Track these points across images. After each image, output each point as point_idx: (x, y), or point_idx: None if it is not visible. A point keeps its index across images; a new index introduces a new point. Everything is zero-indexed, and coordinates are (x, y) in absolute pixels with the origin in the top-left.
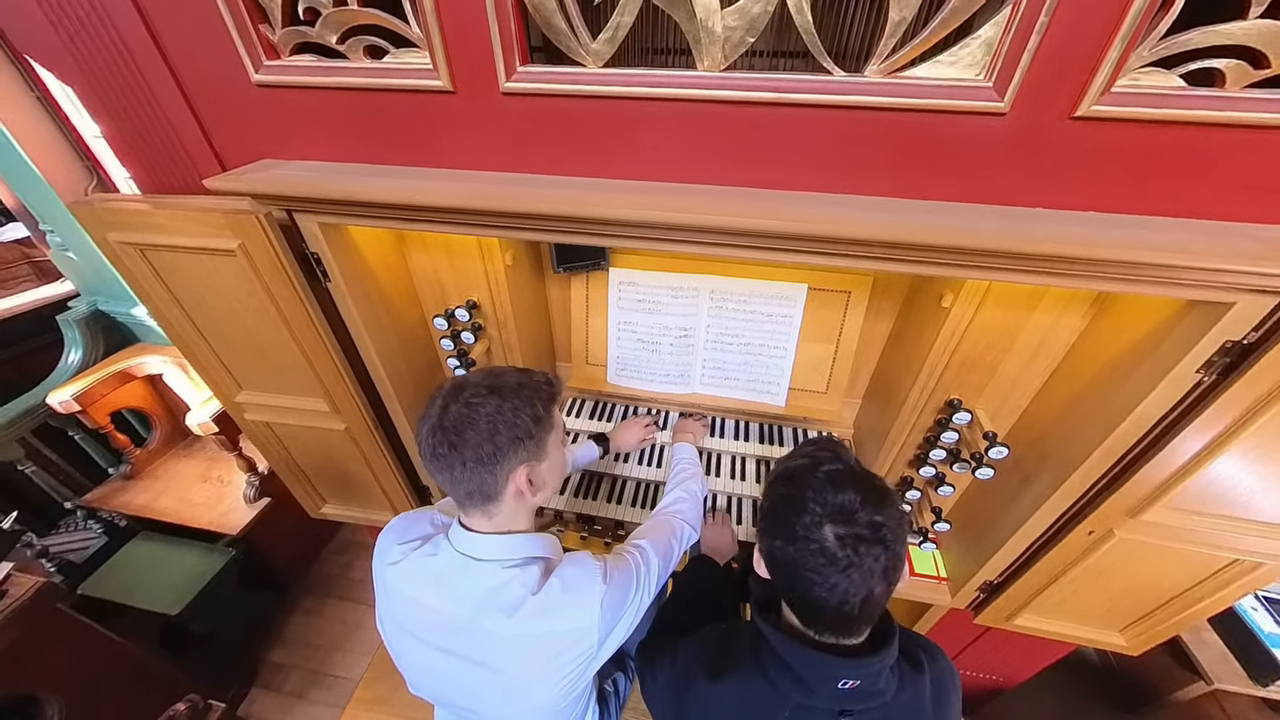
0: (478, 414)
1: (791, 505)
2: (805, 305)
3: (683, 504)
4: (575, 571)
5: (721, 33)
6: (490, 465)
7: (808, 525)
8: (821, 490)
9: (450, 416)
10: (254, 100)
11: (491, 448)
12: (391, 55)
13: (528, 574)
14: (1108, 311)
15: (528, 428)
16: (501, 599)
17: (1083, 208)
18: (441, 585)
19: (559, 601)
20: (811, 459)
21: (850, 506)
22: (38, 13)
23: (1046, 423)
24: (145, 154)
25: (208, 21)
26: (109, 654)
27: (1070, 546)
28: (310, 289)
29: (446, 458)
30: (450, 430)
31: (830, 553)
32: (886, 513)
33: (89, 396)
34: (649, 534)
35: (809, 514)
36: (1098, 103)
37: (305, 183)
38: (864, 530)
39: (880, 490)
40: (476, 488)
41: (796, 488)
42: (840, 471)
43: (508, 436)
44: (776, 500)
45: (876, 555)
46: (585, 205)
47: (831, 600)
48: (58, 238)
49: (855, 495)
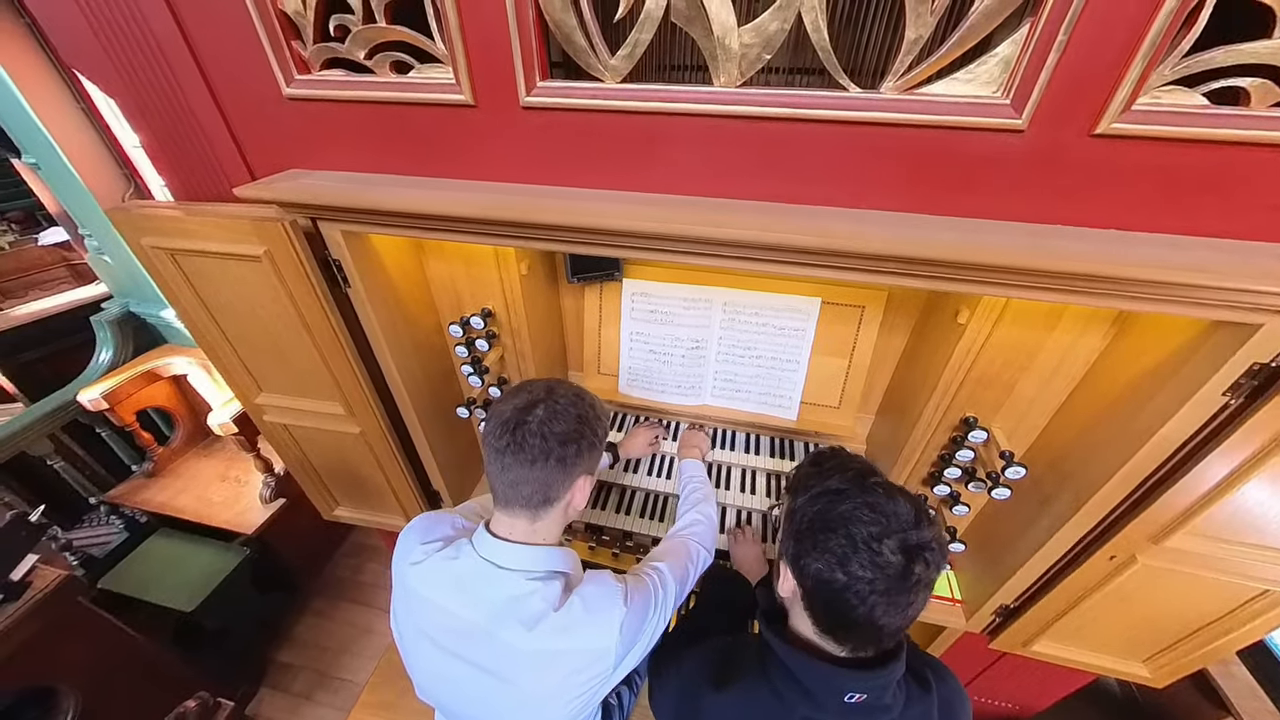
0: (569, 413)
1: (845, 520)
2: (818, 319)
3: (698, 527)
4: (597, 591)
5: (738, 50)
6: (569, 464)
7: (867, 539)
8: (876, 503)
9: (541, 411)
10: (284, 113)
11: (576, 447)
12: (416, 70)
13: (550, 588)
14: (1129, 331)
15: (599, 441)
16: (522, 611)
17: (1103, 225)
18: (462, 590)
19: (580, 620)
20: (856, 471)
21: (908, 519)
22: (86, 29)
23: (1066, 443)
24: (180, 163)
25: (244, 38)
26: (125, 648)
27: (1090, 571)
28: (331, 294)
29: (532, 449)
30: (544, 420)
31: (896, 569)
32: (935, 527)
33: (117, 395)
34: (666, 557)
35: (867, 525)
36: (1118, 120)
37: (330, 192)
38: (926, 542)
39: (922, 504)
40: (542, 488)
41: (846, 501)
42: (888, 484)
43: (589, 441)
44: (823, 515)
45: (938, 566)
46: (602, 217)
47: (892, 622)
48: (95, 242)
49: (910, 507)
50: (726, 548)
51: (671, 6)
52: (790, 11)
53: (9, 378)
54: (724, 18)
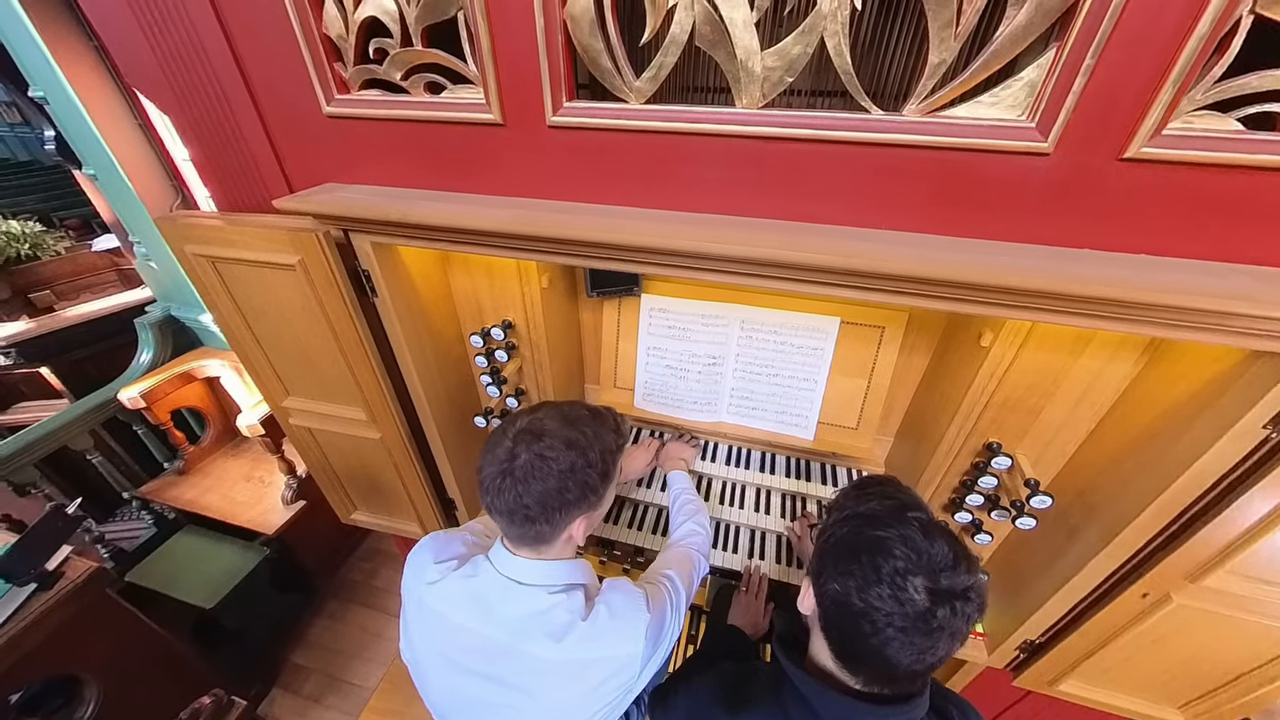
0: (550, 469)
1: (876, 547)
2: (837, 338)
3: (696, 538)
4: (621, 599)
5: (761, 73)
6: (553, 517)
7: (898, 572)
8: (912, 536)
9: (521, 465)
10: (324, 130)
11: (558, 503)
12: (448, 90)
13: (573, 600)
14: (1162, 358)
15: (595, 484)
16: (548, 624)
17: (1133, 250)
18: (481, 607)
19: (608, 628)
20: (897, 501)
21: (944, 561)
22: (148, 52)
23: (1095, 473)
24: (224, 176)
25: (290, 61)
26: (147, 642)
27: (1122, 609)
28: (359, 303)
29: (511, 504)
30: (520, 480)
31: (918, 609)
32: (977, 577)
33: (154, 394)
34: (674, 565)
35: (899, 559)
36: (1148, 145)
37: (364, 205)
38: (958, 588)
39: (967, 550)
40: (532, 534)
41: (882, 529)
42: (929, 520)
43: (576, 494)
44: (853, 539)
45: (968, 617)
46: (624, 233)
47: (904, 660)
48: (143, 249)
49: (949, 550)
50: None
51: (696, 31)
52: (813, 36)
53: (58, 375)
54: (747, 41)
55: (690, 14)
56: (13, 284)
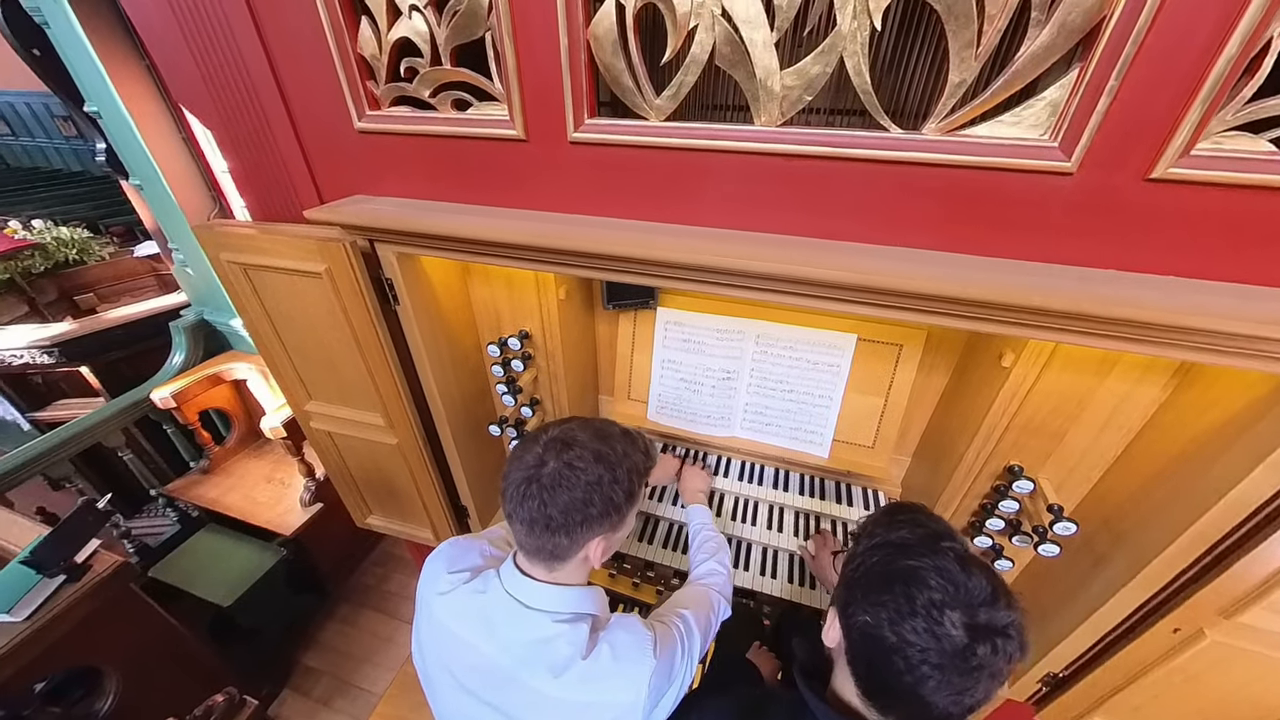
0: (577, 479)
1: (909, 577)
2: (854, 355)
3: (717, 578)
4: (627, 640)
5: (780, 91)
6: (573, 531)
7: (934, 604)
8: (947, 568)
9: (548, 473)
10: (355, 144)
11: (581, 516)
12: (474, 107)
13: (577, 632)
14: (1193, 383)
15: (620, 503)
16: (549, 655)
17: (1160, 271)
18: (487, 626)
19: (609, 671)
20: (930, 530)
21: (982, 595)
22: (195, 71)
23: (1122, 500)
24: (260, 187)
25: (325, 79)
26: (166, 637)
27: (1151, 644)
28: (381, 311)
29: (533, 512)
30: (546, 488)
31: (956, 645)
32: (1018, 613)
33: (185, 395)
34: (690, 605)
35: (935, 590)
36: (1175, 165)
37: (390, 217)
38: (999, 624)
39: (1006, 585)
40: (549, 547)
41: (915, 558)
42: (964, 552)
43: (600, 509)
44: (884, 568)
45: (1009, 655)
46: (645, 247)
47: (940, 701)
48: (181, 255)
49: (987, 583)
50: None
51: (716, 51)
52: (832, 56)
53: (96, 374)
54: (767, 61)
55: (711, 34)
56: (60, 286)
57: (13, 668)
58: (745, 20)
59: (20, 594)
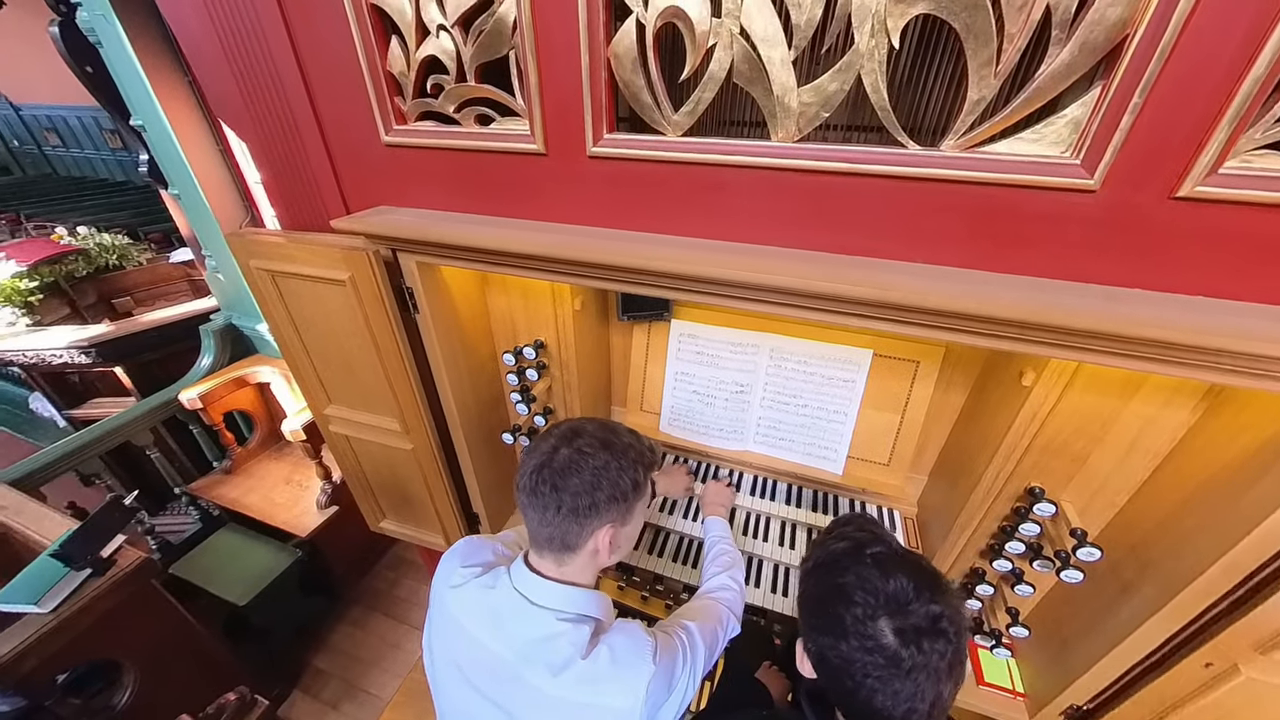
0: (585, 464)
1: (837, 596)
2: (869, 371)
3: (728, 593)
4: (627, 644)
5: (797, 108)
6: (582, 517)
7: (859, 619)
8: (869, 577)
9: (560, 459)
10: (381, 157)
11: (589, 500)
12: (497, 123)
13: (579, 633)
14: (1224, 406)
15: (626, 490)
16: (550, 653)
17: (1187, 291)
18: (495, 622)
19: (606, 674)
20: (853, 541)
21: (904, 595)
22: (235, 87)
23: (1150, 526)
24: (290, 198)
25: (356, 95)
26: (183, 634)
27: (1181, 678)
28: (401, 319)
29: (545, 497)
30: (557, 472)
31: (890, 652)
32: (944, 599)
33: (211, 396)
34: (697, 617)
35: (859, 605)
36: (1202, 184)
37: (412, 227)
38: (923, 622)
39: (932, 573)
40: (560, 535)
41: (840, 574)
42: (885, 554)
43: (607, 494)
44: (818, 591)
45: (942, 651)
46: (658, 260)
47: (896, 710)
48: (213, 261)
49: (908, 581)
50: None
51: (735, 68)
52: (850, 74)
53: (129, 374)
54: (784, 79)
55: (729, 52)
56: (99, 290)
57: (38, 658)
58: (763, 39)
59: (48, 586)
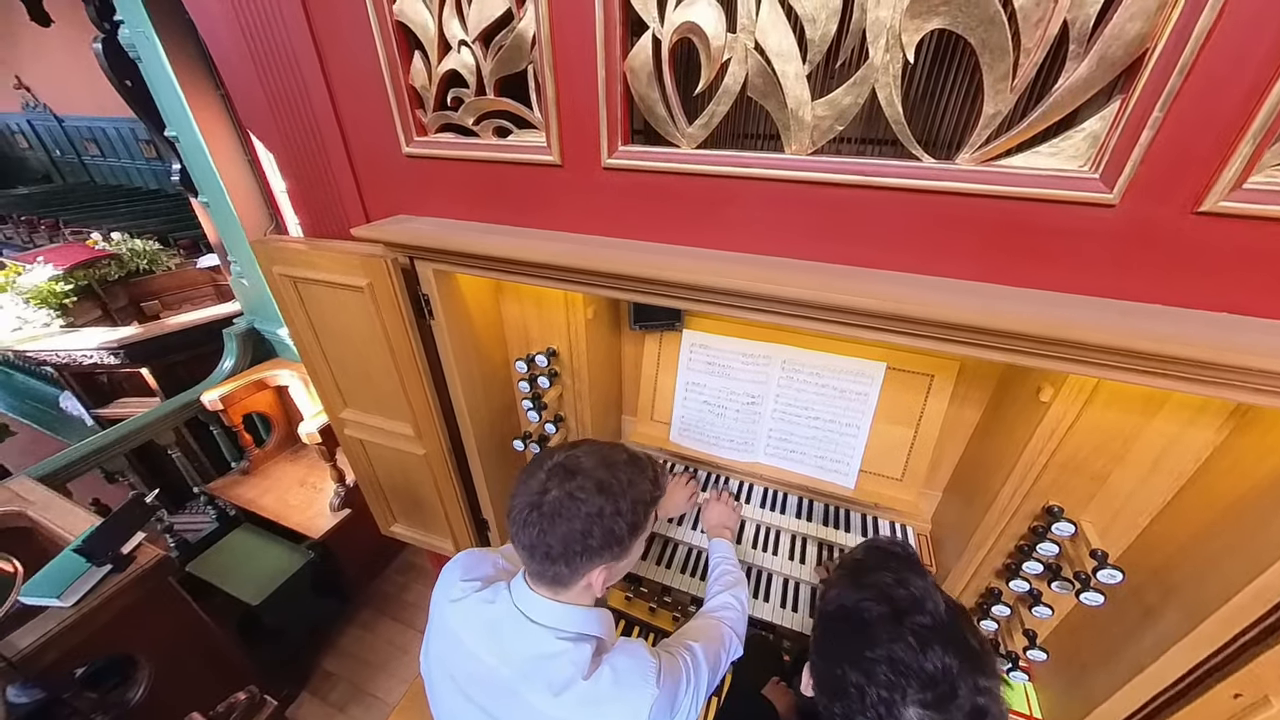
0: (578, 511)
1: (858, 663)
2: (882, 384)
3: (731, 612)
4: (630, 665)
5: (811, 121)
6: (573, 560)
7: (875, 703)
8: (902, 660)
9: (550, 502)
10: (401, 168)
11: (580, 547)
12: (514, 135)
13: (580, 651)
14: (1252, 426)
15: (622, 535)
16: (550, 672)
17: (1210, 307)
18: (493, 637)
19: (608, 695)
20: (890, 604)
21: (947, 675)
22: (264, 100)
23: (1174, 549)
24: (313, 206)
25: (378, 108)
26: (197, 631)
27: (1209, 709)
28: (417, 325)
29: (534, 539)
30: (547, 517)
31: None
32: (992, 681)
33: (231, 398)
34: (700, 637)
35: (879, 686)
36: (1226, 199)
37: (430, 236)
38: (965, 716)
39: (981, 648)
40: (550, 573)
41: (870, 646)
42: (930, 628)
43: (600, 541)
44: (838, 648)
45: None
46: (674, 270)
47: None
48: (238, 267)
49: (953, 660)
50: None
51: (749, 82)
52: (864, 87)
53: (155, 376)
54: (798, 92)
55: (744, 67)
56: (130, 294)
57: (58, 651)
58: (778, 53)
59: (70, 580)
